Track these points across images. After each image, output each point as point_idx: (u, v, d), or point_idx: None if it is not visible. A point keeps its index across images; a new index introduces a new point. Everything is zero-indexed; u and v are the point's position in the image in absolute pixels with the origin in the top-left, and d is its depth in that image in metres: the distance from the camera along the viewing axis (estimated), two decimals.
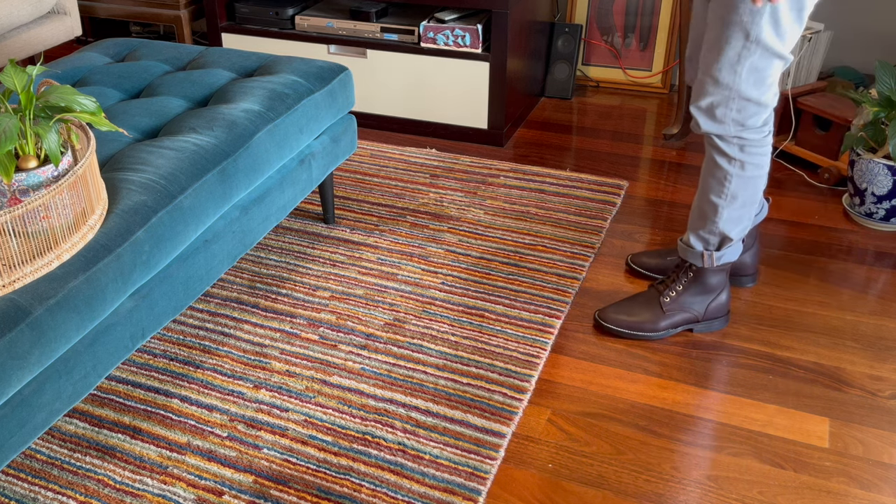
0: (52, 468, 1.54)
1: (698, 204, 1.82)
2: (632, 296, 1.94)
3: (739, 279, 2.05)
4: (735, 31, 1.58)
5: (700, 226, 1.82)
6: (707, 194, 1.78)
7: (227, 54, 2.15)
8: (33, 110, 1.32)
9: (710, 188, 1.77)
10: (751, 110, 1.66)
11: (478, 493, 1.48)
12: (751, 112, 1.66)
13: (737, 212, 1.78)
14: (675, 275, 1.90)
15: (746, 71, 1.61)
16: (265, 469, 1.54)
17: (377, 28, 2.79)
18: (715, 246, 1.83)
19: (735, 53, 1.60)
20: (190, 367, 1.79)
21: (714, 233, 1.81)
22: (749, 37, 1.58)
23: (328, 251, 2.19)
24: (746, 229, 1.83)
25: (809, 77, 2.63)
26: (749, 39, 1.58)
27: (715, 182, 1.76)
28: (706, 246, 1.84)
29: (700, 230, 1.83)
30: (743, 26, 1.57)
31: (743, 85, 1.63)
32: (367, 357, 1.82)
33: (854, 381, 1.76)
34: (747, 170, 1.73)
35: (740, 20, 1.57)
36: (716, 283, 1.87)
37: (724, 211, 1.77)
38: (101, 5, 3.28)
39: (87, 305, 1.34)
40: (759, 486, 1.51)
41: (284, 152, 1.90)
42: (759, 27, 1.56)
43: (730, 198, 1.76)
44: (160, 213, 1.52)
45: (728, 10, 1.58)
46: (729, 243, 1.82)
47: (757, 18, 1.55)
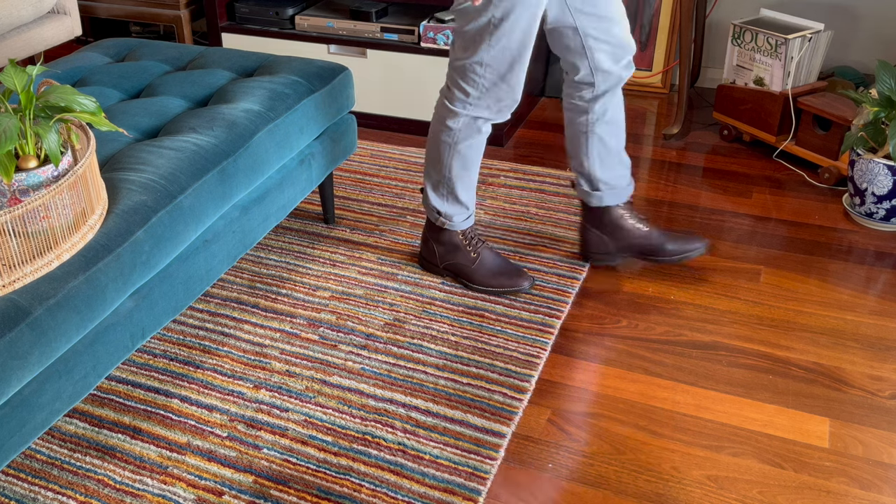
0: (52, 468, 1.54)
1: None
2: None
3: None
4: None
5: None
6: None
7: (227, 54, 2.15)
8: (33, 110, 1.32)
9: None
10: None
11: (478, 493, 1.49)
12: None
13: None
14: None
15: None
16: (265, 469, 1.54)
17: (377, 28, 2.79)
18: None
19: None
20: (190, 367, 1.79)
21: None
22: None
23: (328, 251, 2.19)
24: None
25: (809, 77, 2.63)
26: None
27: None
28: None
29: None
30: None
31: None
32: (367, 357, 1.82)
33: (854, 381, 1.76)
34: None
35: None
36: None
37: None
38: (101, 5, 3.28)
39: (87, 305, 1.34)
40: (759, 486, 1.51)
41: (284, 152, 1.90)
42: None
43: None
44: (160, 213, 1.52)
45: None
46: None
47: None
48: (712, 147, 2.77)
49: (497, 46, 1.75)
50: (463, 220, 2.01)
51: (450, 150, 1.92)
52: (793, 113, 2.59)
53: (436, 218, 2.02)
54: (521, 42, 1.76)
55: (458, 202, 1.99)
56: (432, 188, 2.00)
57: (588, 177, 2.02)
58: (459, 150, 1.91)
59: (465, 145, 1.91)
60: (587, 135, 1.97)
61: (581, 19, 1.82)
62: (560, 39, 1.88)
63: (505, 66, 1.78)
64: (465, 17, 1.75)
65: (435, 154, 1.95)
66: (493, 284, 2.00)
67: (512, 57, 1.77)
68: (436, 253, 2.06)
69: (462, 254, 2.02)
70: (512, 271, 2.01)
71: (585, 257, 2.13)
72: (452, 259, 2.04)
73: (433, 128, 1.94)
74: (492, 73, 1.79)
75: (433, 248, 2.06)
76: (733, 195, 2.48)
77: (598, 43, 1.85)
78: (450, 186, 1.97)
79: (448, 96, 1.88)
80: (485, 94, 1.82)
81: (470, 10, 1.74)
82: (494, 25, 1.72)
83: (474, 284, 2.02)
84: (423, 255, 2.11)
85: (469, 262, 2.02)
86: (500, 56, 1.76)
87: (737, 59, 2.70)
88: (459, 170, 1.94)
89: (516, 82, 1.81)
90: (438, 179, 1.97)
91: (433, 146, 1.95)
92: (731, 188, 2.52)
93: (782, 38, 2.51)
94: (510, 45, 1.75)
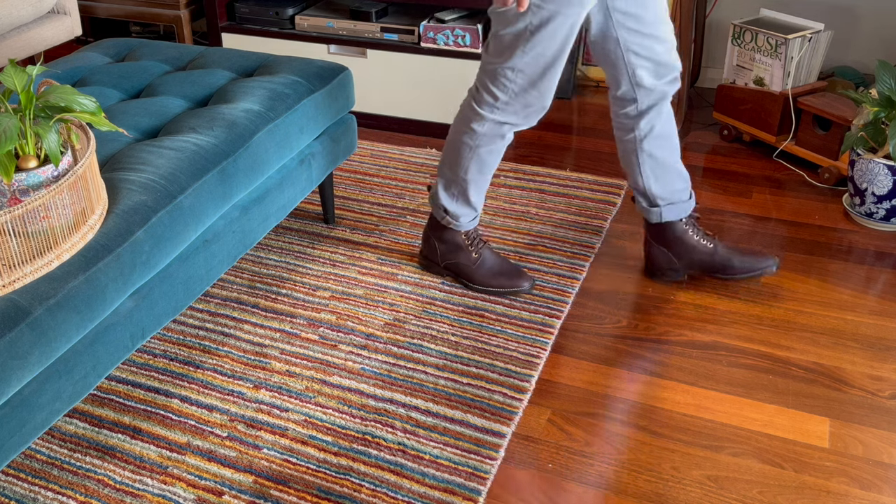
0: (52, 468, 1.54)
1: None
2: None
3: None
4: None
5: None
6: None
7: (227, 54, 2.15)
8: (33, 110, 1.32)
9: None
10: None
11: (478, 493, 1.48)
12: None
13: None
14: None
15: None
16: (265, 469, 1.54)
17: (377, 28, 2.79)
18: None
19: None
20: (190, 367, 1.79)
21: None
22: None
23: (328, 251, 2.19)
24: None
25: (809, 77, 2.63)
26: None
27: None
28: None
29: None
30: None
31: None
32: (367, 357, 1.82)
33: (854, 381, 1.76)
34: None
35: None
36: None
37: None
38: (101, 5, 3.28)
39: (87, 305, 1.34)
40: (759, 486, 1.51)
41: (284, 152, 1.90)
42: None
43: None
44: (160, 213, 1.52)
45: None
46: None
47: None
48: (712, 147, 2.77)
49: (531, 53, 1.71)
50: (469, 221, 2.00)
51: (470, 153, 1.89)
52: (793, 113, 2.59)
53: (442, 216, 2.01)
54: (557, 51, 1.71)
55: (468, 204, 1.97)
56: (443, 186, 1.98)
57: (644, 193, 1.98)
58: (480, 153, 1.88)
59: (486, 150, 1.88)
60: (636, 152, 1.92)
61: (623, 33, 1.77)
62: (602, 52, 1.83)
63: (537, 73, 1.74)
64: (503, 21, 1.71)
65: (453, 154, 1.92)
66: (493, 285, 2.00)
67: (545, 64, 1.73)
68: (437, 251, 2.05)
69: (464, 253, 2.02)
70: (512, 272, 2.00)
71: (651, 274, 2.09)
72: (454, 258, 2.03)
73: (456, 127, 1.90)
74: (523, 78, 1.75)
75: (435, 246, 2.05)
76: (733, 195, 2.48)
77: (640, 59, 1.80)
78: (462, 188, 1.95)
79: (476, 98, 1.84)
80: (514, 100, 1.78)
81: (508, 15, 1.69)
82: (531, 32, 1.68)
83: (474, 284, 2.02)
84: (424, 253, 2.10)
85: (470, 262, 2.01)
86: (532, 63, 1.72)
87: (737, 59, 2.70)
88: (475, 173, 1.92)
89: (547, 89, 1.77)
90: (452, 179, 1.95)
91: (453, 146, 1.92)
92: (731, 188, 2.52)
93: (782, 38, 2.51)
94: (545, 52, 1.71)
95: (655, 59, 1.80)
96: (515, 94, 1.77)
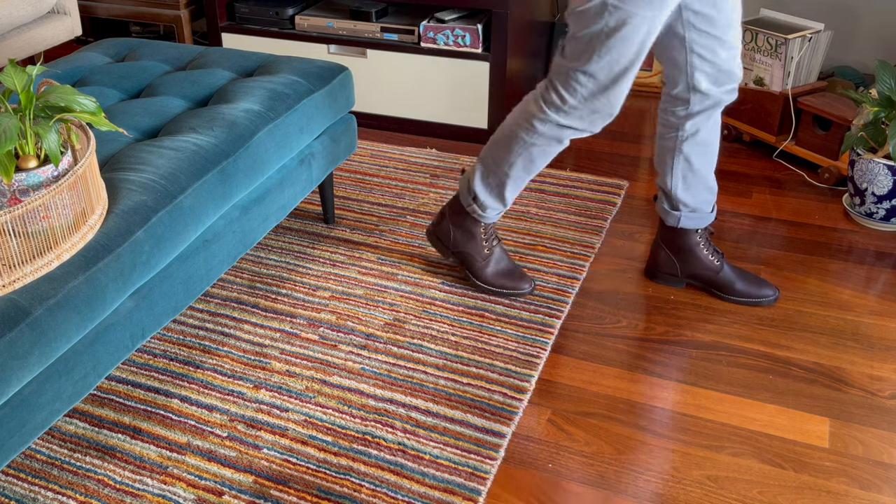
0: (52, 468, 1.54)
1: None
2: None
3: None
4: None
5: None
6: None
7: (227, 54, 2.15)
8: (33, 110, 1.32)
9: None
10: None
11: (478, 493, 1.49)
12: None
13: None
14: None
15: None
16: (265, 469, 1.54)
17: (377, 28, 2.79)
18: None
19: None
20: (190, 367, 1.79)
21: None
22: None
23: (328, 251, 2.19)
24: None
25: (809, 77, 2.63)
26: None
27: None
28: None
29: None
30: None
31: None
32: (367, 357, 1.82)
33: (854, 381, 1.76)
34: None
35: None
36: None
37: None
38: (101, 5, 3.28)
39: (87, 305, 1.34)
40: (759, 486, 1.51)
41: (284, 152, 1.90)
42: None
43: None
44: (160, 213, 1.52)
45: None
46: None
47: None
48: None
49: (606, 57, 1.63)
50: (494, 215, 1.96)
51: (522, 148, 1.82)
52: (793, 113, 2.59)
53: (469, 203, 1.95)
54: (633, 56, 1.63)
55: (501, 198, 1.92)
56: (481, 175, 1.91)
57: (669, 195, 1.95)
58: (532, 151, 1.82)
59: (540, 150, 1.81)
60: (674, 152, 1.89)
61: (691, 33, 1.72)
62: (664, 49, 1.78)
63: (610, 78, 1.66)
64: (580, 21, 1.63)
65: (503, 144, 1.85)
66: (496, 284, 1.99)
67: (620, 70, 1.65)
68: (451, 236, 2.00)
69: (476, 245, 1.98)
70: (516, 274, 2.00)
71: (652, 276, 2.08)
72: (465, 248, 2.00)
73: (515, 119, 1.82)
74: (594, 84, 1.67)
75: (448, 230, 2.01)
76: (733, 195, 2.48)
77: (702, 62, 1.75)
78: (501, 180, 1.88)
79: (544, 96, 1.75)
80: (582, 105, 1.71)
81: (587, 15, 1.61)
82: (606, 34, 1.60)
83: (478, 281, 2.00)
84: (436, 234, 2.04)
85: (481, 256, 1.99)
86: (606, 68, 1.64)
87: None
88: (520, 170, 1.86)
89: (617, 97, 1.70)
90: (493, 169, 1.88)
91: (505, 136, 1.84)
92: (731, 188, 2.52)
93: (782, 38, 2.51)
94: (619, 57, 1.63)
95: (718, 65, 1.76)
96: (584, 99, 1.70)
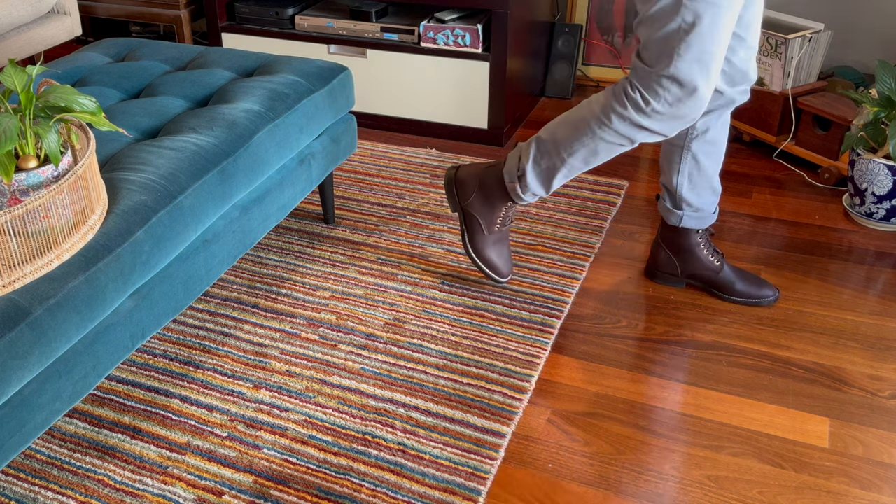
0: (52, 468, 1.54)
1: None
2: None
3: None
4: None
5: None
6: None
7: (227, 54, 2.15)
8: (33, 110, 1.32)
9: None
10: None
11: (478, 493, 1.49)
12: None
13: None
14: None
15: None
16: (265, 469, 1.54)
17: (377, 28, 2.79)
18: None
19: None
20: (190, 367, 1.79)
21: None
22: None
23: (328, 251, 2.19)
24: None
25: (809, 77, 2.63)
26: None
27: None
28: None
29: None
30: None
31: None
32: (367, 357, 1.82)
33: (854, 381, 1.76)
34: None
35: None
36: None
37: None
38: (101, 5, 3.29)
39: (87, 305, 1.34)
40: (759, 486, 1.52)
41: (284, 152, 1.90)
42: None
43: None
44: (160, 213, 1.52)
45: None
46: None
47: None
48: None
49: (686, 56, 1.52)
50: (531, 199, 1.86)
51: (589, 139, 1.70)
52: (793, 113, 2.59)
53: (513, 180, 1.84)
54: (715, 50, 1.53)
55: (548, 184, 1.82)
56: (535, 157, 1.79)
57: (673, 193, 1.93)
58: (599, 145, 1.70)
59: (607, 145, 1.70)
60: (682, 150, 1.86)
61: None
62: None
63: (694, 79, 1.54)
64: (654, 24, 1.54)
65: (570, 130, 1.73)
66: (483, 257, 1.96)
67: (706, 68, 1.54)
68: (471, 194, 1.91)
69: (491, 217, 1.91)
70: (506, 259, 1.99)
71: (651, 275, 2.08)
72: (477, 212, 1.92)
73: (590, 107, 1.70)
74: (679, 88, 1.56)
75: (472, 188, 1.91)
76: (733, 195, 2.48)
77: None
78: (555, 166, 1.77)
79: (627, 93, 1.62)
80: (666, 110, 1.59)
81: (661, 15, 1.52)
82: (685, 31, 1.50)
83: (470, 246, 1.96)
84: (457, 183, 1.95)
85: (489, 229, 1.92)
86: (687, 68, 1.53)
87: None
88: (579, 160, 1.74)
89: (703, 101, 1.58)
90: (551, 151, 1.77)
91: (574, 122, 1.73)
92: (731, 188, 2.52)
93: (782, 38, 2.51)
94: (701, 54, 1.52)
95: (735, 64, 1.73)
96: (669, 105, 1.59)
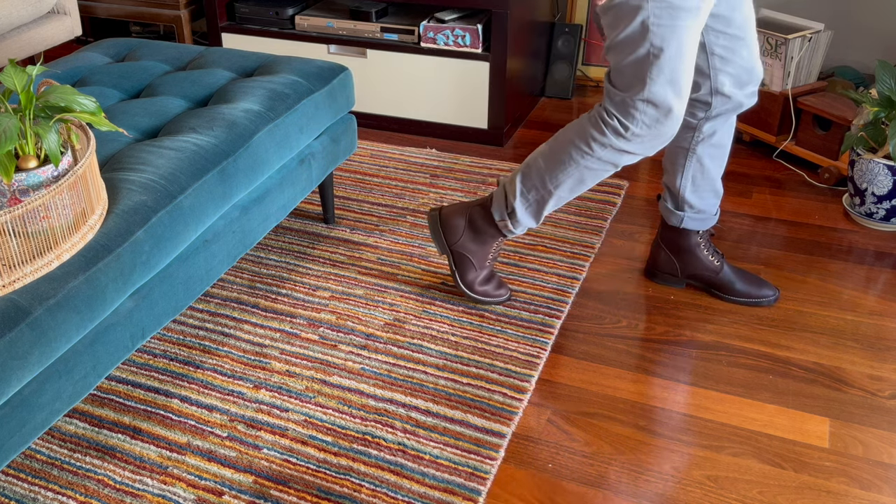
0: (52, 468, 1.54)
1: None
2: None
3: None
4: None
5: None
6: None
7: (227, 54, 2.15)
8: (33, 110, 1.32)
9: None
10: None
11: (478, 493, 1.49)
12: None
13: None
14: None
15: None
16: (265, 469, 1.54)
17: (377, 28, 2.79)
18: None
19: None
20: (190, 367, 1.79)
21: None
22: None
23: (328, 251, 2.19)
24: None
25: (809, 77, 2.63)
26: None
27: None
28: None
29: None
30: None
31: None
32: (367, 357, 1.82)
33: (854, 381, 1.76)
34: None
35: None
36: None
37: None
38: (101, 5, 3.29)
39: (87, 305, 1.34)
40: (759, 486, 1.52)
41: (284, 152, 1.90)
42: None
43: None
44: (160, 213, 1.52)
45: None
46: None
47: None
48: None
49: (659, 80, 1.53)
50: (521, 231, 1.86)
51: (573, 169, 1.71)
52: (793, 113, 2.59)
53: (503, 217, 1.84)
54: (685, 68, 1.54)
55: (537, 216, 1.82)
56: (522, 192, 1.79)
57: (675, 195, 1.93)
58: (583, 174, 1.71)
59: (591, 173, 1.71)
60: (687, 152, 1.86)
61: (710, 35, 1.68)
62: None
63: (668, 99, 1.55)
64: (622, 50, 1.54)
65: (552, 163, 1.73)
66: (479, 291, 1.95)
67: (677, 87, 1.55)
68: (460, 234, 1.90)
69: (482, 254, 1.92)
70: (498, 281, 1.98)
71: (651, 275, 2.08)
72: (468, 251, 1.92)
73: (568, 137, 1.71)
74: (655, 110, 1.56)
75: (460, 228, 1.90)
76: (733, 195, 2.48)
77: (724, 63, 1.72)
78: (543, 199, 1.78)
79: (604, 120, 1.63)
80: (645, 131, 1.60)
81: (628, 41, 1.52)
82: (654, 55, 1.51)
83: (464, 285, 1.95)
84: (444, 223, 1.93)
85: (480, 265, 1.93)
86: (662, 90, 1.54)
87: None
88: (566, 191, 1.75)
89: (678, 118, 1.59)
90: (537, 186, 1.77)
91: (556, 155, 1.73)
92: (731, 188, 2.52)
93: (782, 38, 2.51)
94: (673, 75, 1.53)
95: (740, 65, 1.73)
96: (647, 127, 1.59)
